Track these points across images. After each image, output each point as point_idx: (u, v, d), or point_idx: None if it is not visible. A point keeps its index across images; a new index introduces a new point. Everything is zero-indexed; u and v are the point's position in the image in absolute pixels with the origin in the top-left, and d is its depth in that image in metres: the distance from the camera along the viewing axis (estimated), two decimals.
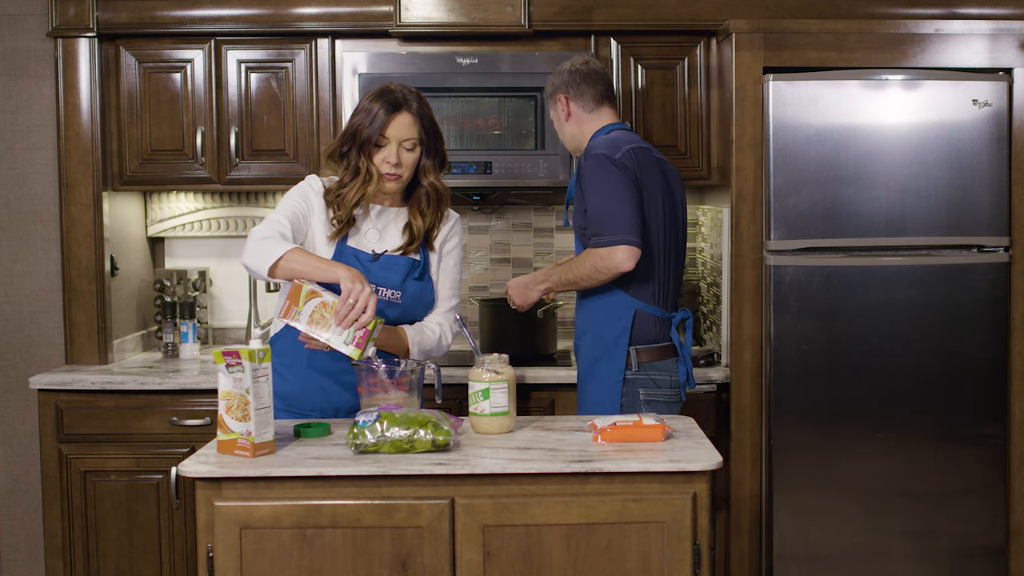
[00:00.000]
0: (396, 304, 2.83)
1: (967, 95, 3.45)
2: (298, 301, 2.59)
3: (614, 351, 3.05)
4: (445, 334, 2.90)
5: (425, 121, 2.81)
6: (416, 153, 2.81)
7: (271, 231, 2.68)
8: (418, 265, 2.87)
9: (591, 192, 3.01)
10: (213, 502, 2.32)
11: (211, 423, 3.47)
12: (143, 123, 3.78)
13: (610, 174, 3.00)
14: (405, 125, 2.78)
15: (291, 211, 2.78)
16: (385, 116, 2.76)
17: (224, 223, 4.14)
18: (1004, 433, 3.52)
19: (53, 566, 3.56)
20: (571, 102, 3.20)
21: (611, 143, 3.08)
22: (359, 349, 2.54)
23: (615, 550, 2.34)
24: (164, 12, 3.70)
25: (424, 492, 2.33)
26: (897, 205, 3.45)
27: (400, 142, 2.78)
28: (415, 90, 2.85)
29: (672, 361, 3.08)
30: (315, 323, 2.58)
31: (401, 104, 2.78)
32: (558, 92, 3.22)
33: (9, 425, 3.82)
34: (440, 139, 2.87)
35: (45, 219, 3.79)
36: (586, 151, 3.10)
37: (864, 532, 3.47)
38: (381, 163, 2.79)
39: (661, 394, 3.06)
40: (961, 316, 3.48)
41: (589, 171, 3.03)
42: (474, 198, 4.04)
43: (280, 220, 2.73)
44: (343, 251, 2.82)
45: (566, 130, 3.25)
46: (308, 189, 2.85)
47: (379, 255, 2.83)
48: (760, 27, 3.47)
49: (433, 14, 3.68)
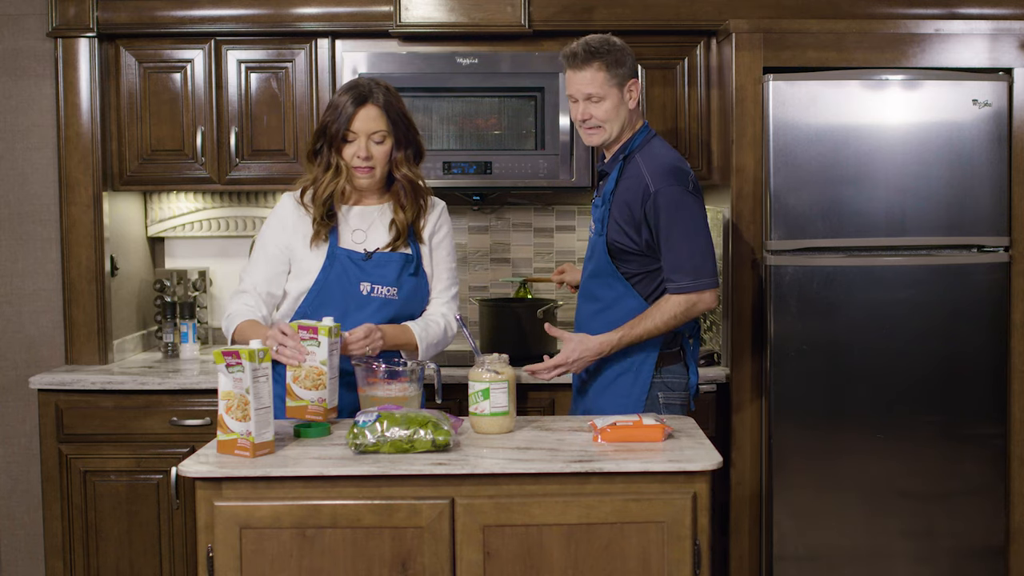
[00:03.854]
0: (393, 301, 2.84)
1: (967, 95, 3.45)
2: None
3: (641, 368, 2.97)
4: (451, 324, 2.92)
5: (393, 113, 2.80)
6: (387, 146, 2.81)
7: (236, 307, 2.80)
8: (411, 260, 2.88)
9: (681, 228, 2.86)
10: (213, 502, 2.32)
11: (211, 423, 3.47)
12: (143, 123, 3.78)
13: (698, 204, 2.90)
14: (372, 117, 2.78)
15: (262, 260, 2.85)
16: (351, 110, 2.77)
17: (224, 223, 4.14)
18: (1004, 433, 3.52)
19: (53, 566, 3.56)
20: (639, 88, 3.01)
21: (679, 161, 2.95)
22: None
23: (615, 550, 2.34)
24: (164, 12, 3.70)
25: (424, 492, 2.33)
26: (897, 205, 3.45)
27: (368, 135, 2.79)
28: (384, 83, 2.85)
29: (681, 364, 3.06)
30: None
31: (367, 97, 2.78)
32: (633, 75, 2.97)
33: (9, 425, 3.82)
34: (413, 130, 2.86)
35: (45, 219, 3.79)
36: (656, 165, 2.91)
37: (864, 532, 3.47)
38: (351, 157, 2.80)
39: (676, 397, 3.03)
40: (961, 316, 3.48)
41: (676, 196, 2.87)
42: (474, 198, 4.04)
43: (246, 289, 2.84)
44: (335, 253, 2.83)
45: (621, 117, 2.97)
46: (280, 211, 2.89)
47: (371, 253, 2.84)
48: (760, 27, 3.47)
49: (433, 14, 3.68)
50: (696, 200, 2.91)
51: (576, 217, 4.17)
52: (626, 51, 2.96)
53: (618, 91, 2.95)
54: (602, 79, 2.92)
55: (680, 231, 2.87)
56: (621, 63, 2.94)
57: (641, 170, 2.92)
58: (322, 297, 2.82)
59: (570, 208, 4.17)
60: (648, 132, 3.02)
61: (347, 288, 2.82)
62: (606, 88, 2.93)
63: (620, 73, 2.94)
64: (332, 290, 2.82)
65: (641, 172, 2.92)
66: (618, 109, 2.95)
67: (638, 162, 2.94)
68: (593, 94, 2.93)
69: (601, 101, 2.94)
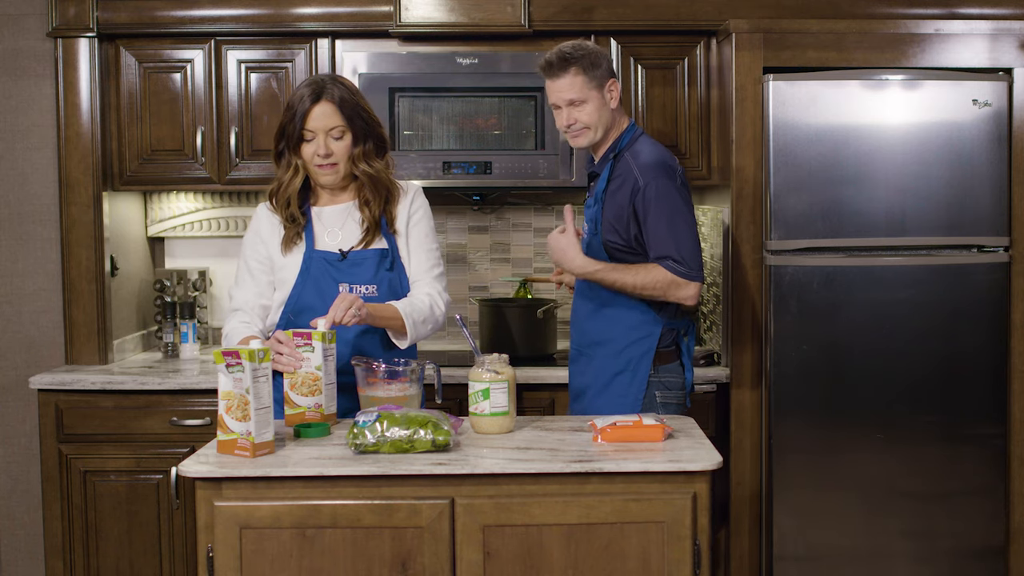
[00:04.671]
0: (374, 298, 2.81)
1: (967, 95, 3.45)
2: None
3: (638, 368, 2.98)
4: (436, 303, 2.83)
5: (348, 108, 2.76)
6: (346, 141, 2.78)
7: (232, 326, 2.79)
8: (387, 255, 2.85)
9: (669, 213, 2.88)
10: (213, 502, 2.32)
11: (211, 423, 3.47)
12: (143, 123, 3.78)
13: (685, 198, 2.92)
14: (326, 114, 2.75)
15: (247, 276, 2.85)
16: (306, 106, 2.75)
17: (224, 223, 4.14)
18: (1004, 433, 3.52)
19: (53, 566, 3.56)
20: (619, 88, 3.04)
21: (667, 156, 2.97)
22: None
23: (615, 550, 2.34)
24: (164, 12, 3.70)
25: (424, 492, 2.33)
26: (897, 205, 3.45)
27: (326, 132, 2.76)
28: (340, 77, 2.82)
29: (678, 363, 3.06)
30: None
31: (321, 94, 2.75)
32: (611, 75, 3.00)
33: (9, 425, 3.82)
34: (372, 123, 2.82)
35: (45, 219, 3.79)
36: (644, 161, 2.94)
37: (864, 532, 3.47)
38: (312, 156, 2.78)
39: (673, 396, 3.03)
40: (961, 316, 3.48)
41: (665, 190, 2.89)
42: (474, 198, 4.04)
43: (239, 307, 2.83)
44: (312, 256, 2.81)
45: (604, 118, 2.99)
46: (255, 224, 2.89)
47: (346, 253, 2.82)
48: (760, 27, 3.47)
49: (433, 14, 3.68)
50: (684, 194, 2.94)
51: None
52: (601, 53, 2.99)
53: (598, 93, 2.97)
54: (580, 83, 2.94)
55: (668, 222, 2.89)
56: (597, 65, 2.97)
57: (631, 167, 2.95)
58: (302, 301, 2.80)
59: None
60: (635, 130, 3.04)
61: (325, 290, 2.79)
62: (586, 91, 2.95)
63: (597, 75, 2.97)
64: (311, 293, 2.80)
65: (631, 168, 2.94)
66: (600, 111, 2.98)
67: (627, 160, 2.97)
68: (574, 99, 2.96)
69: (583, 104, 2.96)
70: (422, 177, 3.68)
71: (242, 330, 2.76)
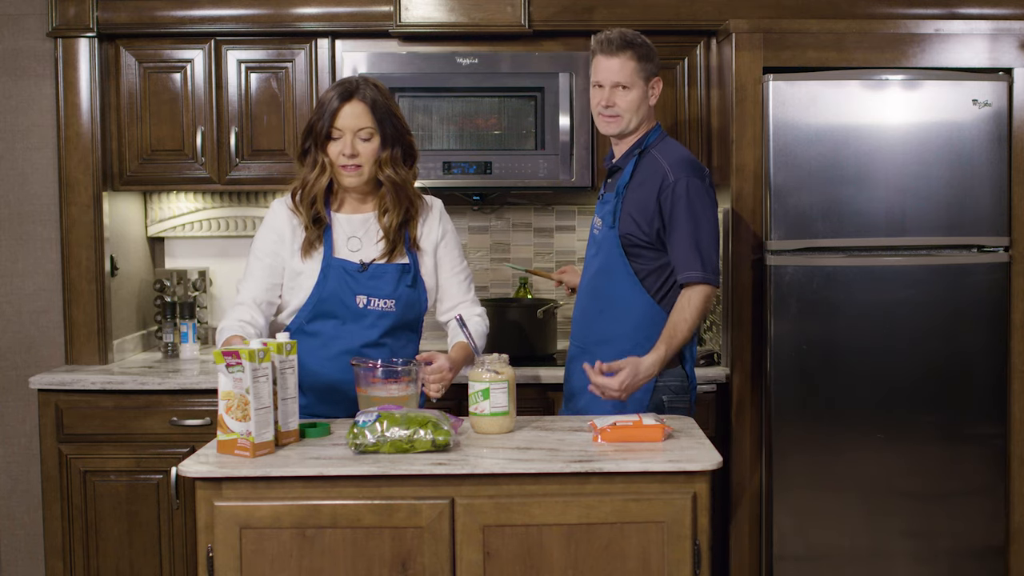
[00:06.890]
0: (390, 313, 2.80)
1: (967, 95, 3.45)
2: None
3: None
4: (485, 319, 2.96)
5: (380, 110, 2.74)
6: (374, 144, 2.75)
7: (227, 322, 2.71)
8: (408, 270, 2.82)
9: (695, 219, 2.89)
10: (213, 502, 2.32)
11: (211, 423, 3.47)
12: (143, 123, 3.78)
13: (713, 199, 2.95)
14: (356, 114, 2.72)
15: (258, 270, 2.78)
16: (336, 105, 2.72)
17: (224, 223, 4.14)
18: (1004, 433, 3.52)
19: (53, 566, 3.56)
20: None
21: (694, 158, 3.01)
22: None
23: (615, 550, 2.34)
24: (164, 12, 3.70)
25: (424, 492, 2.33)
26: (897, 205, 3.45)
27: (355, 132, 2.73)
28: (373, 80, 2.79)
29: (681, 367, 3.05)
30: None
31: (353, 93, 2.73)
32: (658, 73, 3.03)
33: (9, 425, 3.82)
34: (403, 130, 2.80)
35: (45, 219, 3.79)
36: (675, 158, 2.95)
37: (864, 532, 3.47)
38: (337, 155, 2.74)
39: (680, 400, 3.02)
40: (961, 316, 3.48)
41: (695, 189, 2.90)
42: (474, 198, 4.04)
43: (243, 301, 2.76)
44: (331, 263, 2.78)
45: (642, 111, 3.00)
46: (273, 221, 2.81)
47: (367, 265, 2.79)
48: (760, 27, 3.47)
49: (433, 14, 3.68)
50: (712, 195, 2.97)
51: (576, 217, 4.17)
52: (655, 51, 3.04)
53: (644, 84, 3.00)
54: (632, 69, 2.97)
55: (694, 221, 2.90)
56: (650, 59, 3.01)
57: (660, 162, 2.96)
58: (317, 310, 2.78)
59: (570, 208, 4.17)
60: (661, 132, 3.07)
61: (343, 300, 2.77)
62: (634, 78, 2.98)
63: (648, 68, 3.01)
64: (327, 303, 2.78)
65: (660, 164, 2.96)
66: (640, 103, 3.00)
67: (655, 156, 2.99)
68: (621, 82, 2.97)
69: (627, 91, 2.98)
70: (422, 177, 3.68)
71: (234, 327, 2.70)
